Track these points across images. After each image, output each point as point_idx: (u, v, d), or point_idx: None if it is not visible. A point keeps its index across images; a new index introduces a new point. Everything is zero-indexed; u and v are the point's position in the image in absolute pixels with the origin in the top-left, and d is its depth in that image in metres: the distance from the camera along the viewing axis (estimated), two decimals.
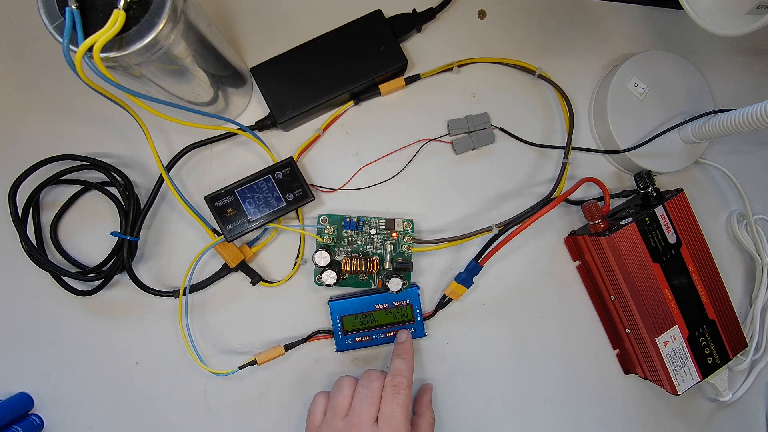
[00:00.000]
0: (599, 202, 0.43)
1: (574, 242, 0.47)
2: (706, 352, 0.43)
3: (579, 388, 0.47)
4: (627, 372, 0.48)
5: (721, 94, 0.49)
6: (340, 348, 0.44)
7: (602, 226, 0.42)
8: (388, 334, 0.44)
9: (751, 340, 0.48)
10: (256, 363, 0.42)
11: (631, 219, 0.41)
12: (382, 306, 0.44)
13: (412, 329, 0.44)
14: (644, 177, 0.44)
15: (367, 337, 0.44)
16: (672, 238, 0.42)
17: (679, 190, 0.42)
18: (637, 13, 0.49)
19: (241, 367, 0.42)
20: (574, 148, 0.47)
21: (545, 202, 0.41)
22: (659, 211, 0.41)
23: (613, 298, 0.45)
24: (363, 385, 0.39)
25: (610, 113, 0.45)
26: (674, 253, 0.42)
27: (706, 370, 0.43)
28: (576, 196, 0.46)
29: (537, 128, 0.47)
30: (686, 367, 0.43)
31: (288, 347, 0.43)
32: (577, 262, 0.47)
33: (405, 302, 0.44)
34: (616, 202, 0.47)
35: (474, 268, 0.43)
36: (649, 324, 0.42)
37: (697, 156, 0.47)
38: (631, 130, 0.46)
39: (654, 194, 0.43)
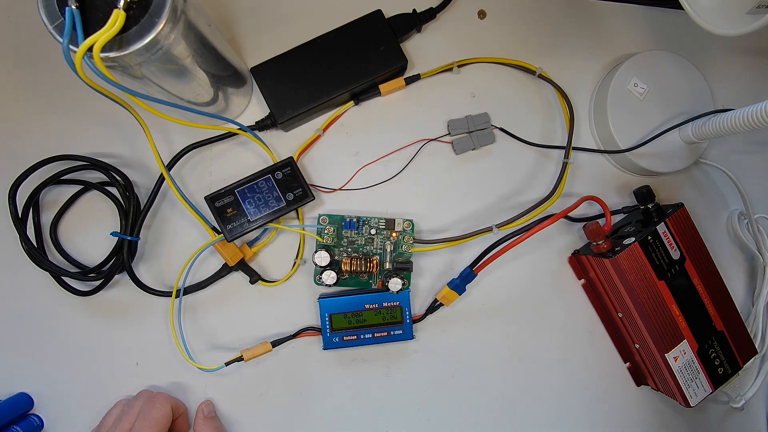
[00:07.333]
0: (600, 221, 0.42)
1: (577, 261, 0.46)
2: (716, 363, 0.43)
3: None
4: (639, 384, 0.47)
5: (721, 94, 0.49)
6: (328, 346, 0.43)
7: (605, 246, 0.41)
8: (376, 335, 0.44)
9: (755, 338, 0.47)
10: (242, 359, 0.42)
11: (633, 239, 0.40)
12: (372, 306, 0.44)
13: (400, 331, 0.44)
14: (644, 193, 0.43)
15: (355, 337, 0.43)
16: (676, 254, 0.41)
17: (680, 205, 0.42)
18: (637, 13, 0.49)
19: (227, 363, 0.42)
20: (574, 148, 0.47)
21: (544, 218, 0.40)
22: (661, 228, 0.41)
23: (620, 315, 0.44)
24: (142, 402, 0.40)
25: (610, 113, 0.45)
26: (679, 268, 0.41)
27: (717, 380, 0.43)
28: (576, 212, 0.45)
29: (537, 128, 0.47)
30: (698, 380, 0.43)
31: (275, 344, 0.43)
32: (582, 281, 0.47)
33: (395, 303, 0.44)
34: (617, 218, 0.47)
35: (468, 275, 0.43)
36: (658, 341, 0.41)
37: (698, 156, 0.47)
38: (631, 130, 0.45)
39: (655, 210, 0.43)
